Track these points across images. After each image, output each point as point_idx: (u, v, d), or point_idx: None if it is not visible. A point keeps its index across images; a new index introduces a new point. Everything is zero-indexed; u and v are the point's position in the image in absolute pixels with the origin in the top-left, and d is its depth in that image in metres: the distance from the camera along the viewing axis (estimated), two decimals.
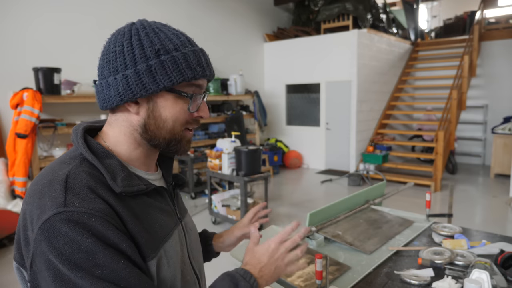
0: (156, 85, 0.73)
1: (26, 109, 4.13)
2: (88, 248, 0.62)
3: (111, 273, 0.63)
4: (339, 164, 7.72)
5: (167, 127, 0.77)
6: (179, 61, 0.73)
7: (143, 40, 0.74)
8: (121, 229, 0.68)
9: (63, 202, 0.64)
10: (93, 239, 0.63)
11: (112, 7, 5.65)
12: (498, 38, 8.09)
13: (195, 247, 0.93)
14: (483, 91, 8.26)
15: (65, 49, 5.10)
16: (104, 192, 0.69)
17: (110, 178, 0.71)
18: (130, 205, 0.73)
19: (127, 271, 0.64)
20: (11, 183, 4.25)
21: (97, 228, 0.64)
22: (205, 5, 7.17)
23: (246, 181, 4.05)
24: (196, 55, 0.76)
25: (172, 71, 0.73)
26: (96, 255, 0.62)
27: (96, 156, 0.73)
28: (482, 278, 1.11)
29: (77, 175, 0.69)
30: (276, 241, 0.85)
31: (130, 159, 0.80)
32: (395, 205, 4.55)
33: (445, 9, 12.71)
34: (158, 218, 0.78)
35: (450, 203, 2.00)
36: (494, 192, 6.01)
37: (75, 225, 0.62)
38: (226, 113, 7.02)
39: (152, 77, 0.72)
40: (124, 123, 0.78)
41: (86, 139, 0.76)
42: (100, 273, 0.62)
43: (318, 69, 7.80)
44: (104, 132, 0.81)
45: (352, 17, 7.67)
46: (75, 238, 0.62)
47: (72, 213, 0.63)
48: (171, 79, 0.73)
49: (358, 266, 1.43)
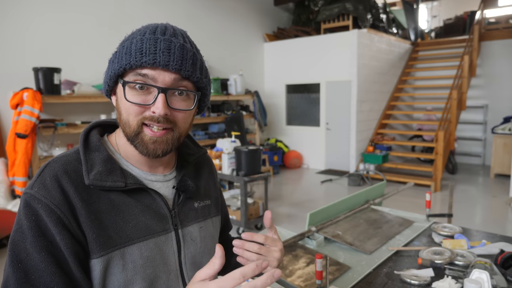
0: (107, 74, 0.76)
1: (26, 109, 4.13)
2: (24, 230, 0.66)
3: (30, 262, 0.66)
4: (339, 164, 7.72)
5: (123, 119, 0.75)
6: (124, 49, 0.72)
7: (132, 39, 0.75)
8: (66, 221, 0.68)
9: (31, 184, 0.70)
10: (31, 224, 0.66)
11: (113, 7, 5.65)
12: (498, 38, 8.09)
13: (194, 260, 0.85)
14: (483, 91, 8.26)
15: (65, 49, 5.10)
16: (69, 182, 0.71)
17: (86, 169, 0.73)
18: (99, 199, 0.72)
19: (43, 265, 0.66)
20: (11, 183, 4.25)
21: (40, 214, 0.67)
22: (205, 5, 7.18)
23: (246, 181, 4.05)
24: (143, 42, 0.70)
25: (118, 59, 0.73)
26: (27, 239, 0.66)
27: (86, 149, 0.77)
28: (482, 278, 1.11)
29: (54, 163, 0.73)
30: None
31: (129, 156, 0.80)
32: (395, 205, 4.55)
33: (445, 9, 12.71)
34: (133, 218, 0.75)
35: (450, 203, 2.00)
36: (494, 192, 6.01)
37: (26, 206, 0.68)
38: (226, 113, 7.02)
39: (108, 68, 0.76)
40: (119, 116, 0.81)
41: (90, 132, 0.80)
42: (24, 257, 0.66)
43: (318, 69, 7.80)
44: (119, 129, 0.82)
45: (352, 17, 7.67)
46: (20, 218, 0.68)
47: (29, 195, 0.68)
48: (114, 67, 0.74)
49: (358, 266, 1.43)
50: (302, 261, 1.47)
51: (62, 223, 0.67)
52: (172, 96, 0.74)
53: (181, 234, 0.83)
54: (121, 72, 0.72)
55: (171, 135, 0.76)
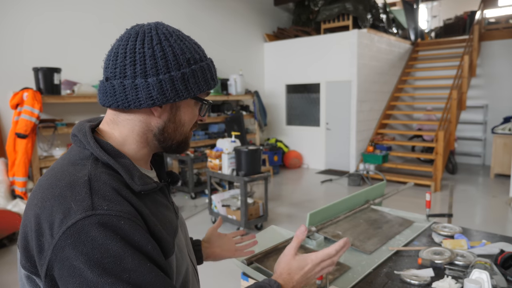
0: (187, 92, 0.76)
1: (26, 109, 4.14)
2: (117, 252, 0.62)
3: (138, 277, 0.63)
4: (339, 164, 7.72)
5: (184, 130, 0.83)
6: (205, 71, 0.79)
7: (174, 46, 0.75)
8: (145, 229, 0.69)
9: (90, 205, 0.63)
10: (121, 243, 0.63)
11: (113, 6, 5.65)
12: (498, 38, 8.09)
13: (189, 241, 0.97)
14: (483, 91, 8.26)
15: (65, 49, 5.10)
16: (127, 193, 0.69)
17: (129, 177, 0.71)
18: (147, 203, 0.74)
19: (153, 274, 0.65)
20: (11, 183, 4.25)
21: (125, 231, 0.64)
22: (205, 5, 7.18)
23: (246, 181, 4.05)
24: (212, 66, 0.83)
25: (200, 80, 0.78)
26: (125, 259, 0.62)
27: (110, 156, 0.73)
28: (482, 278, 1.11)
29: (99, 177, 0.68)
30: (314, 261, 0.85)
31: (135, 158, 0.80)
32: (395, 205, 4.55)
33: (445, 9, 12.71)
34: (166, 214, 0.81)
35: (450, 203, 2.00)
36: (494, 192, 6.01)
37: (105, 228, 0.62)
38: (226, 113, 7.02)
39: (185, 84, 0.76)
40: (139, 124, 0.78)
41: (95, 139, 0.75)
42: (128, 277, 0.62)
43: (318, 69, 7.80)
44: (105, 131, 0.79)
45: (352, 17, 7.67)
46: (104, 243, 0.61)
47: (102, 216, 0.62)
48: (199, 87, 0.78)
49: (358, 266, 1.43)
50: None
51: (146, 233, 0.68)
52: None
53: (180, 220, 0.92)
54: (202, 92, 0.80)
55: None
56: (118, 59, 0.74)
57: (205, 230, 4.32)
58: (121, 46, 0.74)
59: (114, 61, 0.74)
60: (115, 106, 0.75)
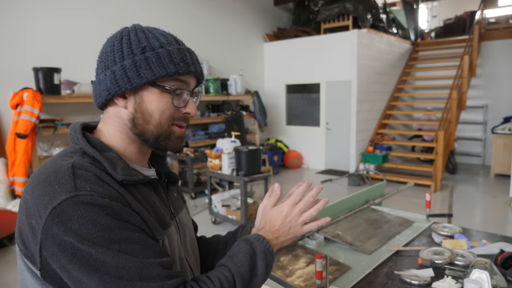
0: (140, 78, 0.76)
1: (26, 109, 4.13)
2: (104, 225, 0.65)
3: (129, 246, 0.67)
4: (339, 164, 7.72)
5: (154, 121, 0.80)
6: (163, 57, 0.77)
7: (131, 39, 0.79)
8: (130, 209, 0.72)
9: (74, 187, 0.67)
10: (108, 217, 0.66)
11: (113, 6, 5.65)
12: (498, 38, 8.09)
13: (189, 243, 0.95)
14: (483, 91, 8.25)
15: (65, 49, 5.10)
16: (109, 179, 0.72)
17: (111, 167, 0.74)
18: (133, 192, 0.76)
19: (143, 242, 0.69)
20: (11, 183, 4.25)
21: (110, 207, 0.67)
22: (205, 5, 7.17)
23: (246, 181, 4.05)
24: (181, 53, 0.79)
25: (155, 65, 0.76)
26: (113, 231, 0.66)
27: (96, 149, 0.77)
28: (482, 278, 1.11)
29: (82, 165, 0.72)
30: (289, 203, 0.89)
31: (125, 155, 0.83)
32: (395, 205, 4.54)
33: (445, 9, 12.71)
34: (157, 208, 0.81)
35: (450, 203, 2.00)
36: (494, 192, 6.00)
37: (89, 206, 0.65)
38: (226, 113, 7.02)
39: (137, 71, 0.76)
40: (115, 119, 0.82)
41: (84, 134, 0.80)
42: (118, 247, 0.66)
43: (318, 69, 7.80)
44: (98, 130, 0.84)
45: (352, 17, 7.66)
46: (91, 218, 0.65)
47: (85, 196, 0.66)
48: (154, 73, 0.76)
49: (358, 266, 1.43)
50: (302, 261, 1.47)
51: (131, 210, 0.71)
52: None
53: (178, 221, 0.92)
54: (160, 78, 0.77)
55: (185, 132, 0.87)
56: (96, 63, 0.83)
57: (205, 230, 4.33)
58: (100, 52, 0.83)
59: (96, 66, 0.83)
60: (96, 104, 0.83)
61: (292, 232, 0.87)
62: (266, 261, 0.80)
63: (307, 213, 0.88)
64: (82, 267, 0.64)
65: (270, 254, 0.82)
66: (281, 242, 0.87)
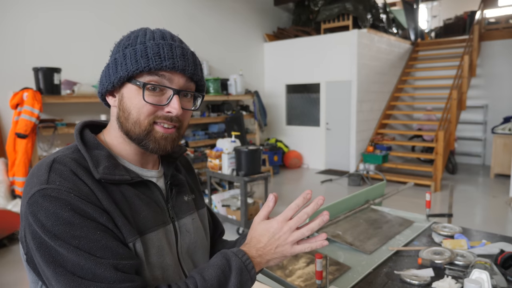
0: (116, 75, 0.77)
1: (26, 109, 4.13)
2: (67, 220, 0.67)
3: (88, 244, 0.67)
4: (339, 164, 7.72)
5: (132, 118, 0.78)
6: (138, 52, 0.76)
7: (123, 39, 0.80)
8: (100, 206, 0.72)
9: (46, 180, 0.69)
10: (71, 213, 0.67)
11: (113, 6, 5.65)
12: (498, 38, 8.09)
13: (188, 250, 0.92)
14: (483, 91, 8.25)
15: (65, 49, 5.10)
16: (85, 176, 0.73)
17: (93, 165, 0.75)
18: (112, 191, 0.76)
19: (103, 242, 0.68)
20: (11, 183, 4.25)
21: (75, 203, 0.68)
22: (205, 5, 7.17)
23: (246, 181, 4.05)
24: (158, 47, 0.76)
25: (130, 61, 0.76)
26: (74, 226, 0.67)
27: (86, 147, 0.78)
28: (482, 278, 1.11)
29: (62, 160, 0.74)
30: (279, 219, 0.79)
31: (123, 154, 0.84)
32: (395, 205, 4.54)
33: (445, 9, 12.70)
34: (142, 209, 0.80)
35: (450, 203, 2.00)
36: (494, 192, 6.00)
37: (55, 200, 0.67)
38: (226, 113, 7.02)
39: (115, 68, 0.78)
40: (112, 118, 0.84)
41: (83, 132, 0.82)
42: (78, 243, 0.66)
43: (318, 69, 7.80)
44: (106, 129, 0.86)
45: (352, 17, 7.66)
46: (54, 212, 0.67)
47: (52, 189, 0.68)
48: (127, 68, 0.76)
49: (358, 266, 1.43)
50: (302, 261, 1.47)
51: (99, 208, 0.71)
52: (181, 97, 0.80)
53: (178, 225, 0.89)
54: (134, 74, 0.76)
55: (178, 133, 0.83)
56: None
57: None
58: None
59: None
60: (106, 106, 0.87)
61: (280, 251, 0.78)
62: (241, 278, 0.74)
63: (298, 231, 0.78)
64: (43, 256, 0.67)
65: (248, 271, 0.75)
66: (266, 261, 0.79)
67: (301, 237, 0.79)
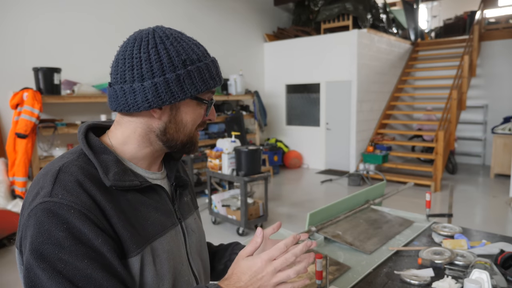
0: (183, 93, 0.77)
1: (26, 109, 4.13)
2: (58, 241, 0.64)
3: (73, 271, 0.64)
4: (339, 164, 7.72)
5: (186, 130, 0.83)
6: (203, 72, 0.79)
7: (169, 49, 0.77)
8: (100, 224, 0.69)
9: (49, 192, 0.68)
10: (65, 233, 0.65)
11: (113, 6, 5.65)
12: (498, 38, 8.09)
13: (196, 249, 0.94)
14: (483, 91, 8.25)
15: (65, 49, 5.10)
16: (92, 186, 0.71)
17: (103, 172, 0.74)
18: (119, 200, 0.75)
19: (88, 271, 0.65)
20: (11, 183, 4.25)
21: (72, 222, 0.66)
22: (205, 5, 7.17)
23: (246, 181, 4.05)
24: (214, 65, 0.82)
25: (197, 80, 0.78)
26: (63, 249, 0.64)
27: (93, 151, 0.77)
28: (482, 278, 1.11)
29: (69, 169, 0.72)
30: (263, 258, 0.73)
31: (135, 157, 0.83)
32: (395, 205, 4.54)
33: (445, 9, 12.71)
34: (150, 215, 0.80)
35: (450, 203, 2.00)
36: (494, 192, 6.01)
37: (53, 215, 0.65)
38: (226, 113, 7.02)
39: (180, 86, 0.77)
40: (141, 125, 0.81)
41: (87, 135, 0.80)
42: (63, 267, 0.64)
43: (318, 69, 7.80)
44: (111, 131, 0.84)
45: (352, 17, 7.67)
46: (49, 229, 0.65)
47: (54, 203, 0.66)
48: (196, 88, 0.78)
49: (358, 266, 1.43)
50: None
51: (98, 227, 0.68)
52: None
53: (184, 226, 0.91)
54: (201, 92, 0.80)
55: None
56: (119, 65, 0.78)
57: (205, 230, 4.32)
58: (121, 52, 0.78)
59: (115, 67, 0.78)
60: (118, 110, 0.79)
61: None
62: None
63: (283, 273, 0.72)
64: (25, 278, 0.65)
65: None
66: None
67: (286, 279, 0.73)
